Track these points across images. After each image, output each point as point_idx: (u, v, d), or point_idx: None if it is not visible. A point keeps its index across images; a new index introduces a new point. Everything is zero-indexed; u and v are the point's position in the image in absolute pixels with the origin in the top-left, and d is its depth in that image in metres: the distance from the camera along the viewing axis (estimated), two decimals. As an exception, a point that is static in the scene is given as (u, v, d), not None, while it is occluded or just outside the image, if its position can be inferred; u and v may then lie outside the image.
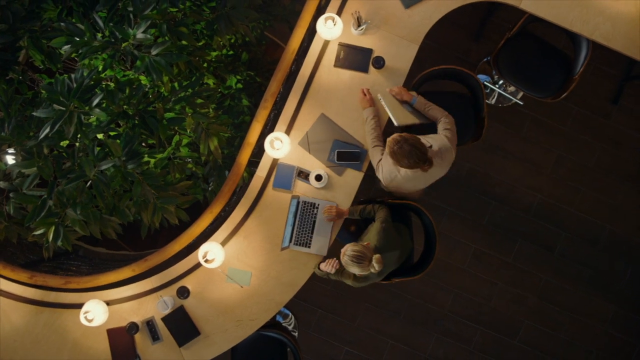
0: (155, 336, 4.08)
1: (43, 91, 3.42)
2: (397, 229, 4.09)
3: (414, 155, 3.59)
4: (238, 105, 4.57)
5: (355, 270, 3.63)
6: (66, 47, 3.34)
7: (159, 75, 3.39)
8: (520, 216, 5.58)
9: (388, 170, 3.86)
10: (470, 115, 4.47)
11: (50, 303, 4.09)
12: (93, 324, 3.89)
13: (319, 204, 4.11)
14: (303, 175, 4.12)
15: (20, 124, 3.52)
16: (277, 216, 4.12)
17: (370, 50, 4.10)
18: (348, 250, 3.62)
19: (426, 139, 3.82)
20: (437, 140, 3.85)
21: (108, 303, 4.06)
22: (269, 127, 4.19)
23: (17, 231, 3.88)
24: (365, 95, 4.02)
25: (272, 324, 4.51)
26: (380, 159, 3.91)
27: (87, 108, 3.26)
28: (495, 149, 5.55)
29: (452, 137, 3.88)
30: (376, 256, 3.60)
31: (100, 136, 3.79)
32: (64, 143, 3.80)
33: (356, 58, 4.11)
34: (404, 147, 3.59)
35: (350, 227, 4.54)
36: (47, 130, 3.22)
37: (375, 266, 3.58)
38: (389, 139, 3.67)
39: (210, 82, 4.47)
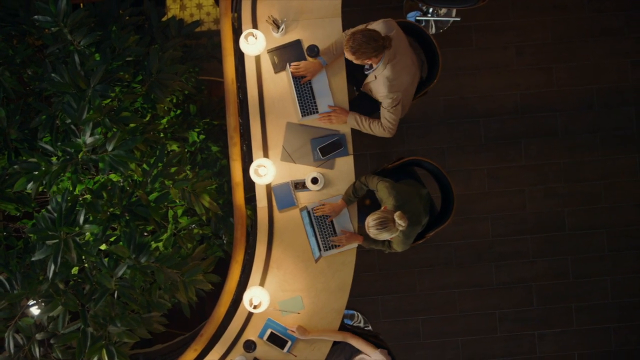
0: (246, 397, 4.09)
1: (31, 235, 3.43)
2: (405, 183, 4.09)
3: (370, 39, 3.61)
4: (210, 155, 4.57)
5: (386, 235, 3.63)
6: (30, 185, 3.35)
7: (125, 166, 3.39)
8: (512, 119, 5.58)
9: (390, 104, 3.87)
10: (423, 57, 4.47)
11: (138, 418, 4.09)
12: (185, 416, 3.89)
13: (327, 204, 4.11)
14: (300, 185, 4.12)
15: (26, 274, 3.52)
16: (296, 234, 4.12)
17: (298, 41, 4.11)
18: (369, 222, 3.63)
19: None
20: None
21: (188, 390, 4.06)
22: (247, 160, 4.19)
23: (74, 370, 3.88)
24: (330, 118, 4.07)
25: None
26: (378, 120, 4.00)
27: (77, 229, 3.26)
28: (458, 71, 5.55)
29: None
30: (396, 213, 3.61)
31: (102, 247, 3.79)
32: (75, 270, 3.81)
33: (290, 54, 4.11)
34: (357, 38, 3.62)
35: (365, 202, 4.52)
36: (53, 267, 3.23)
37: (401, 223, 3.58)
38: (344, 42, 3.70)
39: (174, 147, 4.47)
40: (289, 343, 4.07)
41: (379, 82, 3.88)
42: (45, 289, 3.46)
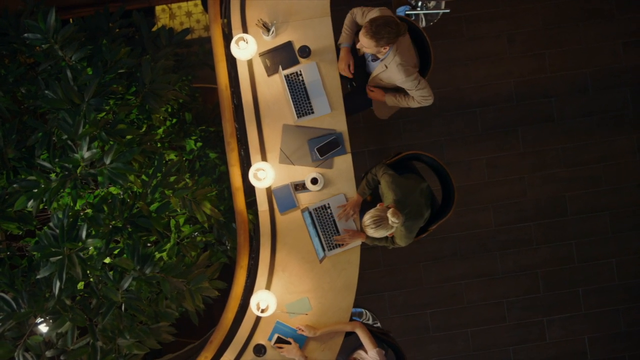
0: (260, 402, 4.09)
1: (34, 253, 3.43)
2: (405, 177, 4.10)
3: (391, 23, 3.65)
4: (208, 162, 4.57)
5: (383, 233, 3.67)
6: (30, 203, 3.35)
7: (124, 178, 3.40)
8: (507, 107, 5.58)
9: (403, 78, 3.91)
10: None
11: None
12: None
13: (329, 203, 4.11)
14: (300, 187, 4.12)
15: (32, 293, 3.52)
16: (299, 236, 4.12)
17: (289, 43, 4.11)
18: (365, 221, 3.67)
19: None
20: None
21: (201, 398, 4.06)
22: (246, 164, 4.19)
23: (86, 386, 3.88)
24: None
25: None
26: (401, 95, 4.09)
27: (80, 244, 3.27)
28: (450, 63, 5.55)
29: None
30: (389, 210, 3.64)
31: (107, 260, 3.79)
32: (80, 285, 3.80)
33: (282, 57, 4.11)
34: (379, 22, 3.64)
35: (367, 198, 4.52)
36: (58, 283, 3.23)
37: (394, 220, 3.61)
38: (362, 31, 3.71)
39: (172, 156, 4.47)
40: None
41: (392, 70, 3.90)
42: (52, 305, 3.46)
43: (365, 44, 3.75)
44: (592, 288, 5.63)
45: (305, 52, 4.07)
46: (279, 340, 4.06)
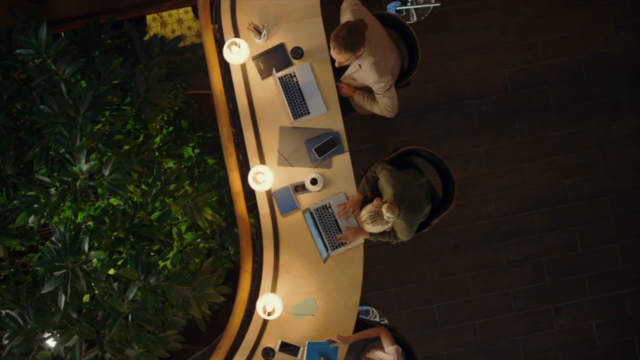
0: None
1: (38, 268, 3.43)
2: (405, 172, 4.10)
3: (355, 29, 3.63)
4: (207, 168, 4.57)
5: (380, 227, 3.69)
6: (31, 218, 3.36)
7: (123, 189, 3.40)
8: (503, 97, 5.58)
9: (378, 75, 3.86)
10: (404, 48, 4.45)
11: None
12: None
13: (329, 203, 4.11)
14: (300, 188, 4.12)
15: (38, 308, 3.53)
16: (302, 237, 4.12)
17: (281, 45, 4.11)
18: (362, 217, 3.70)
19: None
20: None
21: (212, 404, 4.06)
22: (244, 168, 4.19)
23: (96, 399, 3.88)
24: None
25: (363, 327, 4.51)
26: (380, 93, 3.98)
27: (83, 257, 3.27)
28: (443, 56, 5.55)
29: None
30: (384, 205, 3.65)
31: (111, 272, 3.80)
32: (86, 298, 3.81)
33: (275, 59, 4.11)
34: (342, 34, 3.63)
35: (367, 195, 4.53)
36: (63, 297, 3.23)
37: (389, 214, 3.64)
38: (331, 48, 3.70)
39: (171, 164, 4.47)
40: (301, 348, 4.05)
41: (365, 69, 3.86)
42: (59, 320, 3.46)
43: (343, 58, 3.72)
44: (597, 274, 5.63)
45: (298, 53, 4.07)
46: (284, 345, 4.05)
